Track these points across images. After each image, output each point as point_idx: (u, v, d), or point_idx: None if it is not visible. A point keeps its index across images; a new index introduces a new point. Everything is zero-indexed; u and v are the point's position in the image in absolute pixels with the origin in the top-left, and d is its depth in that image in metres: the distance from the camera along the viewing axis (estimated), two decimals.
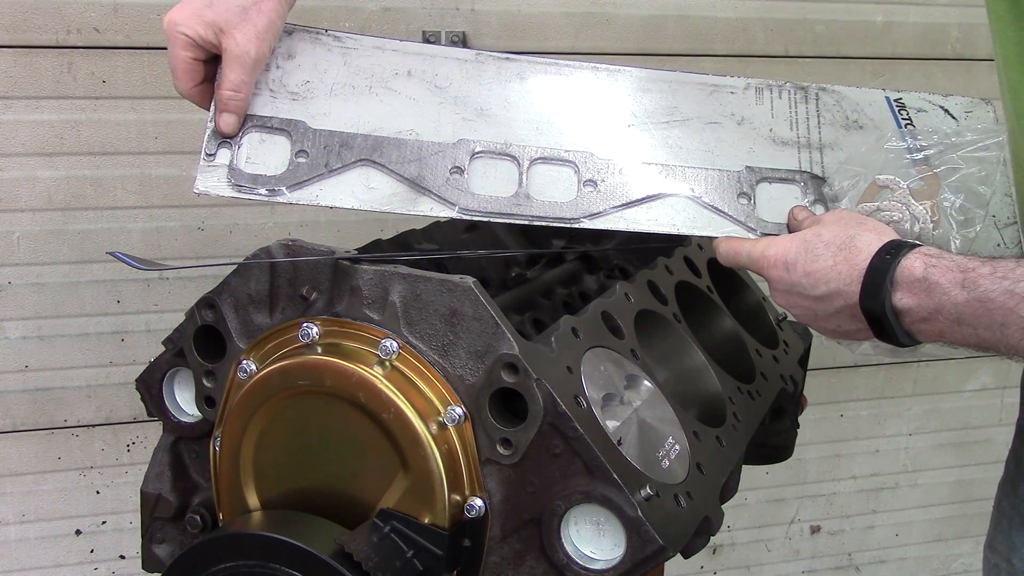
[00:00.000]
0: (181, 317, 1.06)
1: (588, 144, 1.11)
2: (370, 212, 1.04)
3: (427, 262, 1.16)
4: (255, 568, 0.92)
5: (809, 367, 1.45)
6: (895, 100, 1.22)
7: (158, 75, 1.88)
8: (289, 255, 1.00)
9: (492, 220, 1.08)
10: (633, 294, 1.12)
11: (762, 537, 2.57)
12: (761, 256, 1.05)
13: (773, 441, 1.39)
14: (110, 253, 1.04)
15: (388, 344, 0.94)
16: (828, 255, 1.00)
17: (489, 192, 1.07)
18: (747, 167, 1.13)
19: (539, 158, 1.09)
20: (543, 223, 1.08)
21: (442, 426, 0.92)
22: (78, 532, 2.07)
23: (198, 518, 1.10)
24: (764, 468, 2.16)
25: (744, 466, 1.17)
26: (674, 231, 1.11)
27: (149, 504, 1.12)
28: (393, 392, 0.92)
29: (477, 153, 1.08)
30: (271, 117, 1.08)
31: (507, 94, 1.12)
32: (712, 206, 1.11)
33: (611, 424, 0.94)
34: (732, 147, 1.13)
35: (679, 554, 0.94)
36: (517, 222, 1.08)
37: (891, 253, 0.97)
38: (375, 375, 0.93)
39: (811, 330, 1.14)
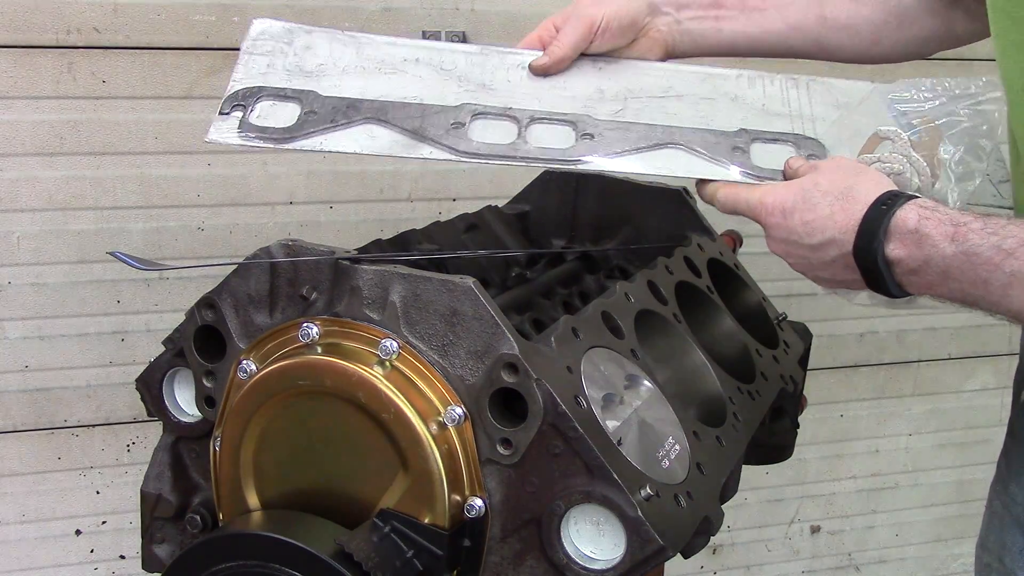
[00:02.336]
0: (181, 317, 1.06)
1: (587, 109, 1.15)
2: (373, 157, 1.10)
3: (427, 262, 1.16)
4: (255, 568, 0.92)
5: (809, 367, 1.45)
6: (888, 91, 1.23)
7: (158, 75, 1.88)
8: (289, 255, 1.00)
9: (490, 162, 1.10)
10: (633, 294, 1.12)
11: (762, 537, 2.57)
12: (759, 203, 1.04)
13: (773, 441, 1.39)
14: (110, 253, 1.04)
15: (388, 344, 0.94)
16: (825, 204, 0.99)
17: (488, 140, 1.11)
18: (742, 128, 1.16)
19: (539, 118, 1.13)
20: (539, 164, 1.13)
21: (442, 426, 0.92)
22: (78, 532, 2.07)
23: (198, 518, 1.10)
24: (764, 468, 2.16)
25: (744, 466, 1.17)
26: (670, 174, 1.13)
27: (149, 504, 1.12)
28: (393, 392, 0.92)
29: (478, 113, 1.12)
30: (284, 88, 1.12)
31: (509, 76, 1.17)
32: (708, 155, 1.13)
33: (611, 424, 0.94)
34: (726, 116, 1.17)
35: (679, 554, 0.94)
36: (514, 164, 1.11)
37: (887, 204, 0.97)
38: (375, 375, 0.93)
39: (810, 279, 1.13)
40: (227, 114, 1.11)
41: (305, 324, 0.97)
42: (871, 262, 0.97)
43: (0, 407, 1.95)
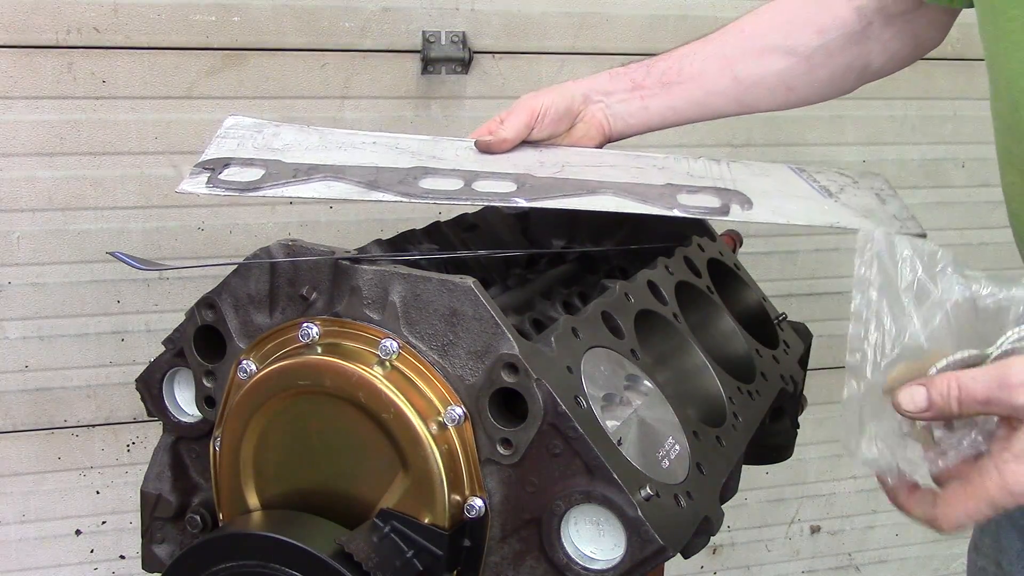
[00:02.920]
0: (181, 317, 1.07)
1: (528, 170, 1.27)
2: (333, 201, 1.24)
3: (427, 262, 1.16)
4: (255, 568, 0.92)
5: (809, 367, 1.45)
6: (798, 167, 1.39)
7: (158, 75, 1.88)
8: (289, 255, 1.00)
9: (438, 202, 1.19)
10: (633, 294, 1.12)
11: (762, 537, 2.57)
12: (1010, 496, 0.78)
13: (773, 441, 1.39)
14: (110, 253, 1.04)
15: (388, 344, 0.94)
16: None
17: (436, 188, 1.21)
18: (668, 183, 1.28)
19: (483, 174, 1.24)
20: (483, 203, 1.25)
21: (442, 426, 0.92)
22: (78, 532, 2.07)
23: (198, 518, 1.10)
24: (764, 468, 2.17)
25: (744, 466, 1.17)
26: (603, 208, 1.21)
27: (149, 504, 1.12)
28: (393, 392, 0.92)
29: (428, 171, 1.23)
30: (251, 158, 1.24)
31: (458, 152, 1.31)
32: (639, 198, 1.22)
33: (611, 424, 0.94)
34: (654, 178, 1.29)
35: (679, 554, 0.94)
36: (459, 204, 1.20)
37: None
38: (375, 375, 0.93)
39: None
40: (197, 175, 1.22)
41: (305, 324, 0.97)
42: None
43: (0, 407, 1.96)
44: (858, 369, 0.82)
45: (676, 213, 1.21)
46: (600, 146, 1.38)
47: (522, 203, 1.19)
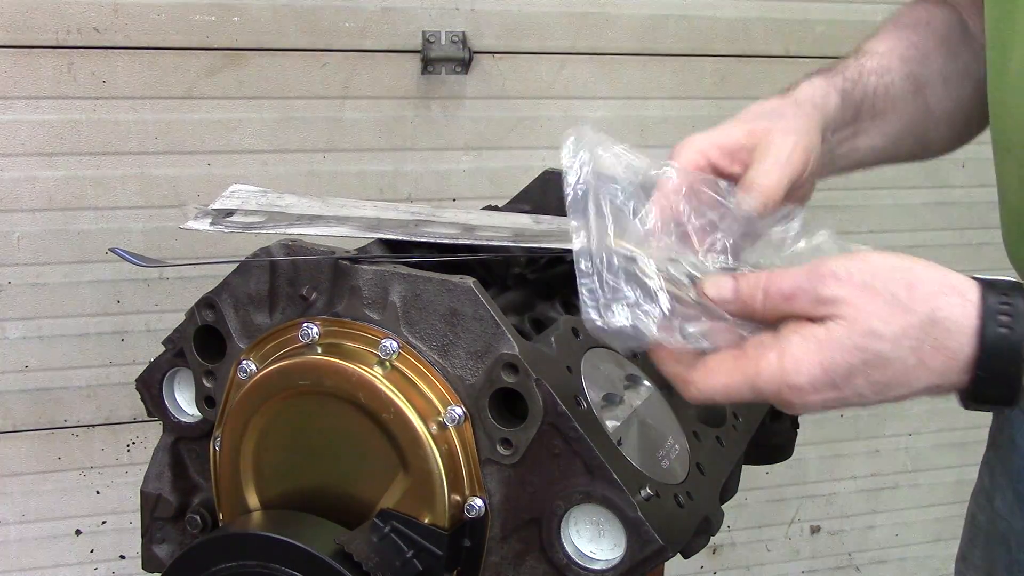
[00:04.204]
0: (181, 317, 1.07)
1: (526, 226, 1.24)
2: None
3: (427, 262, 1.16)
4: (255, 568, 0.92)
5: None
6: None
7: (158, 75, 1.88)
8: (289, 255, 1.00)
9: (438, 241, 1.13)
10: None
11: (762, 537, 2.57)
12: (783, 386, 0.73)
13: (773, 441, 1.38)
14: (111, 250, 1.05)
15: (388, 344, 0.94)
16: (904, 353, 0.70)
17: (436, 232, 1.18)
18: None
19: (483, 227, 1.21)
20: (481, 244, 1.17)
21: (442, 426, 0.92)
22: (78, 532, 2.07)
23: (198, 518, 1.09)
24: (764, 468, 2.16)
25: (744, 466, 1.17)
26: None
27: (149, 504, 1.12)
28: (393, 392, 0.92)
29: (430, 223, 1.20)
30: (255, 210, 1.22)
31: (460, 214, 1.28)
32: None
33: (611, 424, 0.94)
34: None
35: (679, 554, 0.94)
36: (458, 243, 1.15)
37: (1006, 317, 0.69)
38: (375, 375, 0.93)
39: None
40: (202, 217, 1.21)
41: (305, 324, 0.97)
42: (1002, 398, 0.72)
43: (0, 407, 1.96)
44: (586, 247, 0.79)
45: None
46: None
47: (520, 246, 1.15)
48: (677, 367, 0.77)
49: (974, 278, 0.73)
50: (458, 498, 0.93)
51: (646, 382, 1.04)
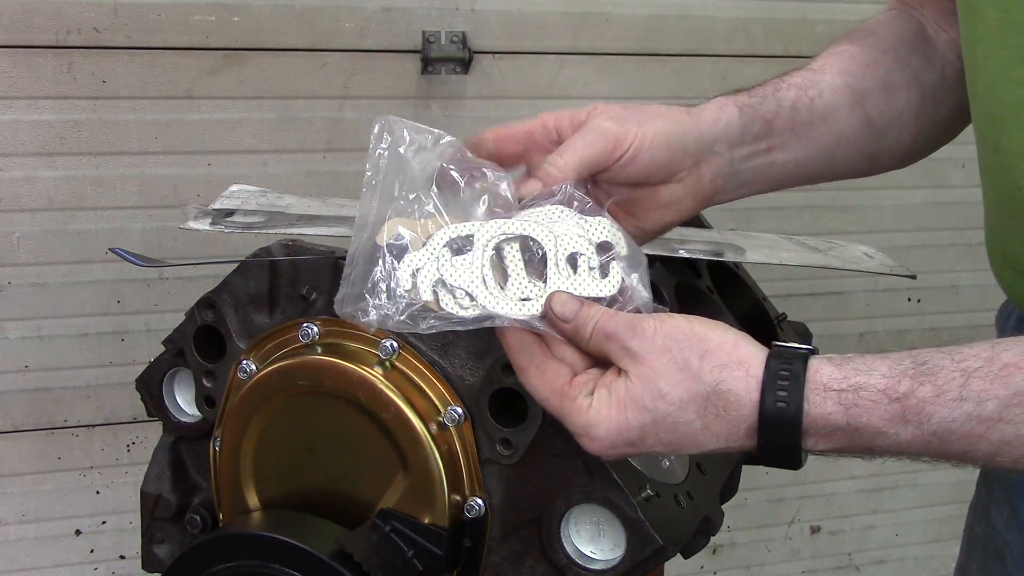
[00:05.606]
0: (181, 317, 1.07)
1: None
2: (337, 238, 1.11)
3: None
4: (255, 568, 0.92)
5: None
6: (787, 236, 1.43)
7: (158, 75, 1.88)
8: (289, 255, 1.00)
9: None
10: None
11: (762, 537, 2.57)
12: (584, 436, 0.77)
13: None
14: (111, 250, 1.05)
15: (388, 344, 0.94)
16: (690, 417, 0.75)
17: None
18: (663, 238, 1.14)
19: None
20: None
21: (442, 426, 0.92)
22: (78, 532, 2.06)
23: (198, 518, 1.10)
24: (764, 468, 2.16)
25: (744, 466, 1.17)
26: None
27: (149, 504, 1.12)
28: (393, 392, 0.92)
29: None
30: (255, 210, 1.22)
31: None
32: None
33: None
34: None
35: (679, 554, 0.94)
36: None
37: (783, 392, 0.73)
38: (375, 375, 0.93)
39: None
40: (202, 218, 1.21)
41: (305, 324, 0.97)
42: (785, 462, 0.77)
43: (0, 407, 1.95)
44: (361, 227, 0.85)
45: (682, 253, 1.17)
46: (690, 218, 1.00)
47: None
48: (520, 356, 0.80)
49: (774, 344, 0.77)
50: (458, 498, 0.93)
51: None
